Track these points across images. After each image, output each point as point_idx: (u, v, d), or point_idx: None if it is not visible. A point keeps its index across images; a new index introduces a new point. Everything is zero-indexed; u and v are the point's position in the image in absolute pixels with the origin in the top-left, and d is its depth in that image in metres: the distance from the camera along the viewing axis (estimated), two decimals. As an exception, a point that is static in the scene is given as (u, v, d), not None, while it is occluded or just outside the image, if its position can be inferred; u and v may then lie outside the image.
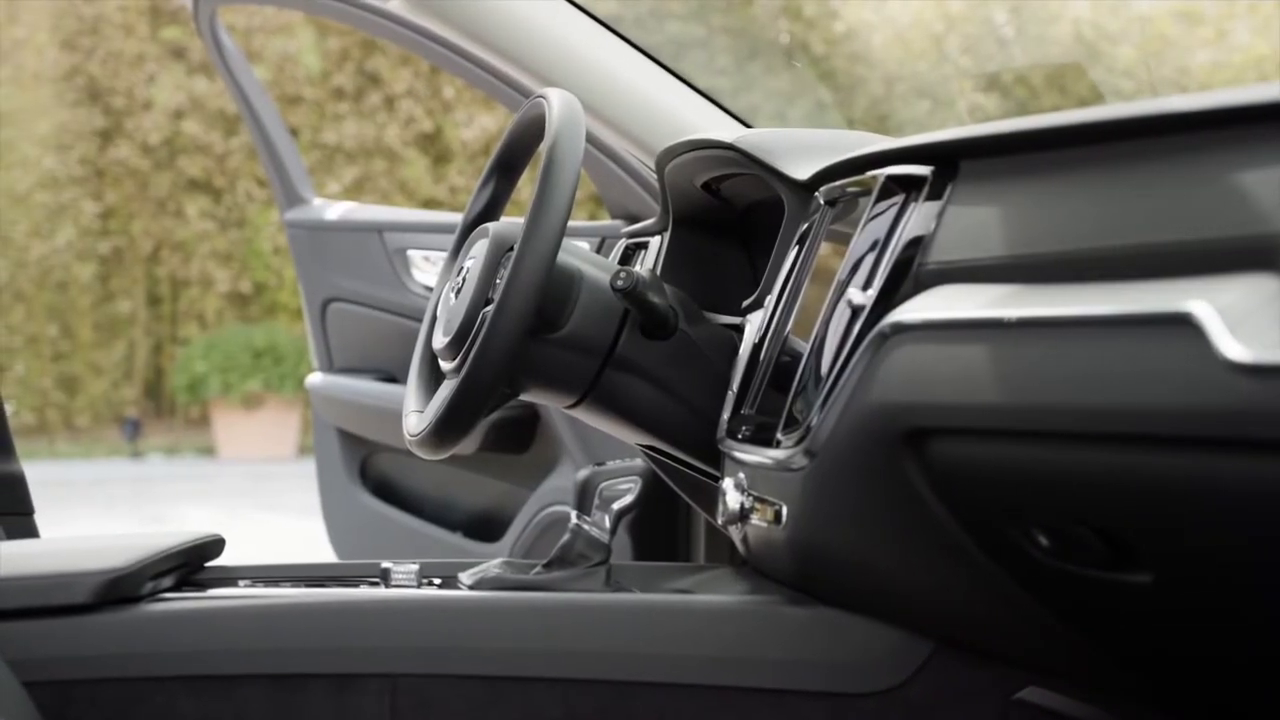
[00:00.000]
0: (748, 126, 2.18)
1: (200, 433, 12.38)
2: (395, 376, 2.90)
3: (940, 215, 1.26)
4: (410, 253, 2.87)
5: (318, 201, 3.09)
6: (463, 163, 12.33)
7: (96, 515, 8.53)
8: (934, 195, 1.28)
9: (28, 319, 12.48)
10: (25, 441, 11.86)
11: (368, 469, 3.01)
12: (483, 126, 12.06)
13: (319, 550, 3.10)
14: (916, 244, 1.27)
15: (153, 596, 1.54)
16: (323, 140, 12.20)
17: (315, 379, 3.07)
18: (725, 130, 1.92)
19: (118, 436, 12.42)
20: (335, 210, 3.08)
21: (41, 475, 9.72)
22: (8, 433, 1.94)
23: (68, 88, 12.27)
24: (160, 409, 13.04)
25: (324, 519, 3.08)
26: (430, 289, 2.78)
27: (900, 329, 1.23)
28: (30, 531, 1.95)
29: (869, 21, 10.90)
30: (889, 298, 1.28)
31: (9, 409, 1.84)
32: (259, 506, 8.83)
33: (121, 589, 1.50)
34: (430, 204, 12.08)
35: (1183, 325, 0.95)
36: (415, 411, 1.70)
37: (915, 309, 1.23)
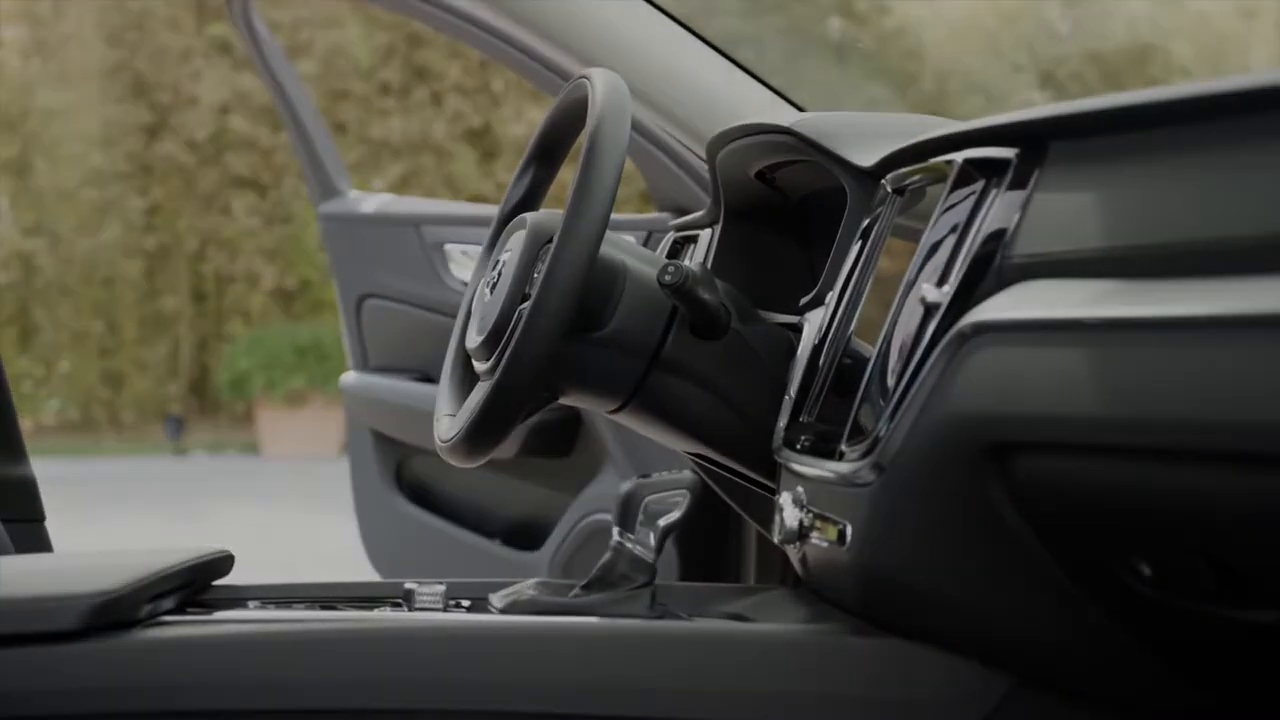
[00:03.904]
0: (804, 112, 2.07)
1: (244, 430, 12.40)
2: (432, 376, 2.82)
3: (1026, 203, 1.15)
4: (448, 247, 2.80)
5: (353, 194, 3.02)
6: (511, 158, 12.30)
7: (139, 513, 8.49)
8: (1018, 181, 1.17)
9: (74, 315, 12.54)
10: (70, 438, 11.92)
11: (403, 473, 2.94)
12: (531, 121, 12.01)
13: (358, 552, 3.01)
14: (999, 236, 1.16)
15: (150, 621, 1.41)
16: (369, 135, 12.18)
17: (350, 378, 3.00)
18: (781, 115, 1.80)
19: (162, 433, 12.45)
20: (371, 203, 3.01)
21: (85, 472, 9.81)
22: (19, 435, 1.86)
23: (113, 83, 12.32)
24: (204, 406, 13.08)
25: (358, 523, 3.00)
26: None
27: (982, 329, 1.11)
28: (41, 539, 1.85)
29: (920, 17, 10.84)
30: (968, 295, 1.16)
31: (54, 405, 1.73)
32: (302, 505, 8.78)
33: (114, 613, 1.36)
34: (478, 200, 12.03)
35: (1320, 327, 0.85)
36: (447, 415, 1.60)
37: (999, 307, 1.11)
